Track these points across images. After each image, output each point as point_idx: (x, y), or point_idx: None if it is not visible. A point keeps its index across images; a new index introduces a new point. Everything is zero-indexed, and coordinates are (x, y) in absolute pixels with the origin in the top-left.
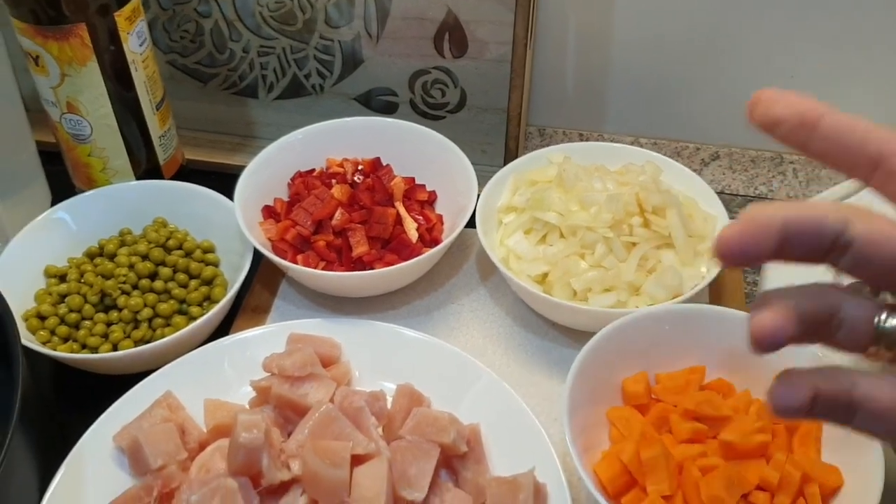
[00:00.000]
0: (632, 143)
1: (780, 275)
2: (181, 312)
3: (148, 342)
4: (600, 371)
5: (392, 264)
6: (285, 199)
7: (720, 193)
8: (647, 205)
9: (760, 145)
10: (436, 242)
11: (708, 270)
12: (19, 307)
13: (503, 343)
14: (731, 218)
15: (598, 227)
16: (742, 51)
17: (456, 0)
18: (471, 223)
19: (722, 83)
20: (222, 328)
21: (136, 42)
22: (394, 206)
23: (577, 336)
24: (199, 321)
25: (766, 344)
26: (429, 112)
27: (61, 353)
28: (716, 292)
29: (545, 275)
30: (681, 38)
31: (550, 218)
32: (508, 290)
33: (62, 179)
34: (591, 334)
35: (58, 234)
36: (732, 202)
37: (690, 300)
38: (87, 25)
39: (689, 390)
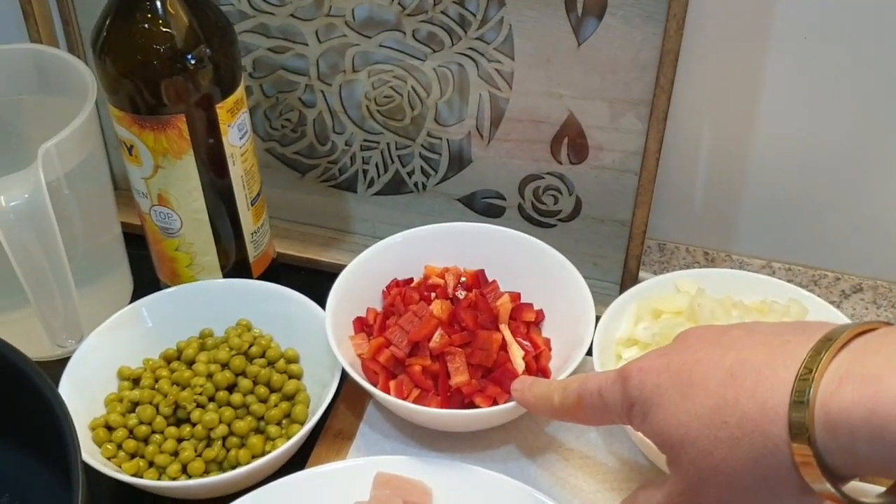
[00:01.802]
0: (763, 267)
1: None
2: (258, 431)
3: (220, 463)
4: None
5: (494, 398)
6: (378, 308)
7: None
8: None
9: None
10: (542, 371)
11: None
12: (88, 414)
13: (618, 500)
14: None
15: None
16: (892, 173)
17: (580, 104)
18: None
19: (866, 209)
20: (302, 451)
21: (236, 135)
22: (499, 330)
23: None
24: (278, 451)
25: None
26: (538, 219)
27: (126, 477)
28: None
29: None
30: (824, 160)
31: None
32: (625, 437)
33: (145, 265)
34: None
35: (136, 333)
36: None
37: None
38: (186, 117)
39: None
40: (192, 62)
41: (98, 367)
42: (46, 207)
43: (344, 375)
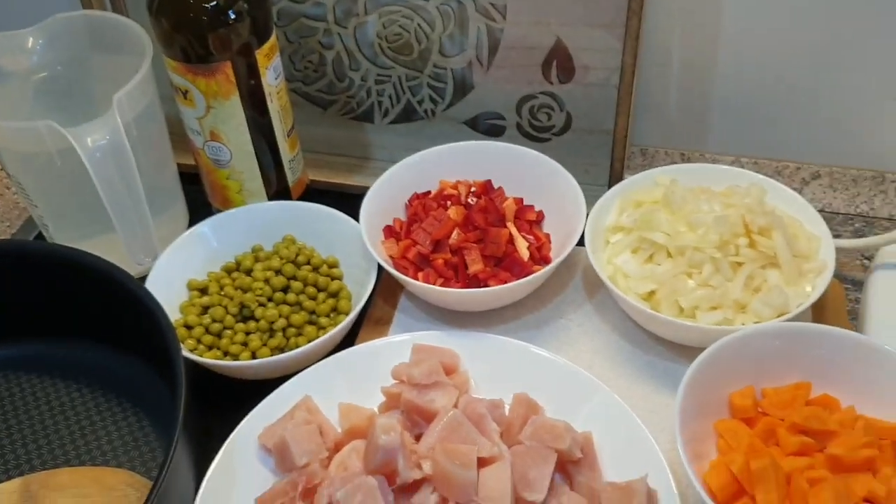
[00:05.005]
0: (733, 163)
1: (884, 296)
2: (311, 322)
3: (283, 350)
4: (709, 385)
5: (505, 281)
6: (403, 219)
7: (820, 212)
8: (753, 226)
9: (861, 164)
10: (545, 260)
11: (813, 289)
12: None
13: (610, 357)
14: (835, 237)
15: (706, 247)
16: (842, 73)
17: (565, 29)
18: (578, 242)
19: (823, 104)
20: (348, 337)
21: (272, 76)
22: (506, 227)
23: (682, 351)
24: (331, 332)
25: None
26: (535, 135)
27: (211, 361)
28: (819, 311)
29: (652, 293)
30: (782, 61)
31: (658, 238)
32: (615, 307)
33: (197, 199)
34: (696, 350)
35: (199, 250)
36: (833, 220)
37: (796, 318)
38: (231, 63)
39: (795, 405)
40: (233, 16)
41: (171, 281)
42: (125, 146)
43: (378, 274)
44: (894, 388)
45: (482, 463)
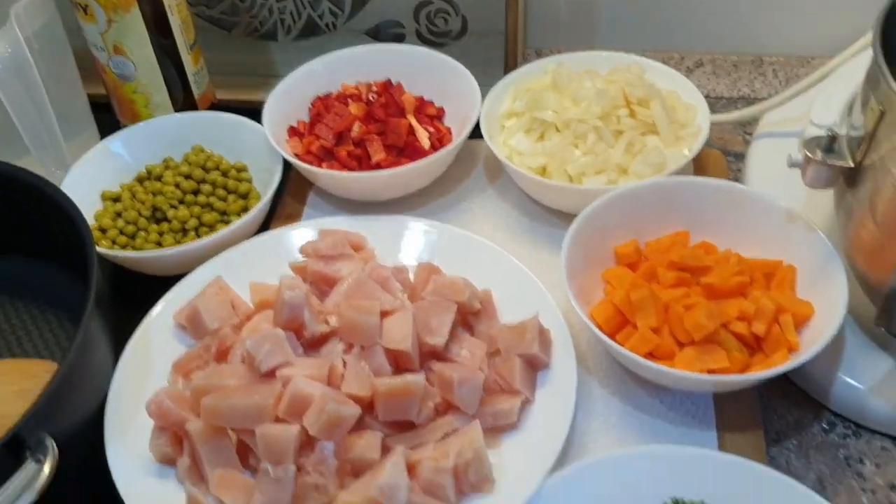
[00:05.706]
0: None
1: (763, 162)
2: (223, 222)
3: None
4: (595, 239)
5: None
6: (307, 121)
7: (706, 98)
8: (633, 97)
9: (741, 50)
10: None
11: (689, 151)
12: None
13: (511, 230)
14: (713, 113)
15: (589, 118)
16: None
17: None
18: (477, 134)
19: None
20: (260, 233)
21: None
22: (406, 118)
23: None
24: (240, 221)
25: None
26: (434, 40)
27: (124, 253)
28: (700, 171)
29: (544, 168)
30: None
31: (547, 116)
32: (513, 188)
33: (108, 124)
34: None
35: (110, 164)
36: (717, 104)
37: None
38: None
39: (674, 250)
40: None
41: (84, 194)
42: (26, 57)
43: (286, 173)
44: (765, 230)
45: (386, 315)
